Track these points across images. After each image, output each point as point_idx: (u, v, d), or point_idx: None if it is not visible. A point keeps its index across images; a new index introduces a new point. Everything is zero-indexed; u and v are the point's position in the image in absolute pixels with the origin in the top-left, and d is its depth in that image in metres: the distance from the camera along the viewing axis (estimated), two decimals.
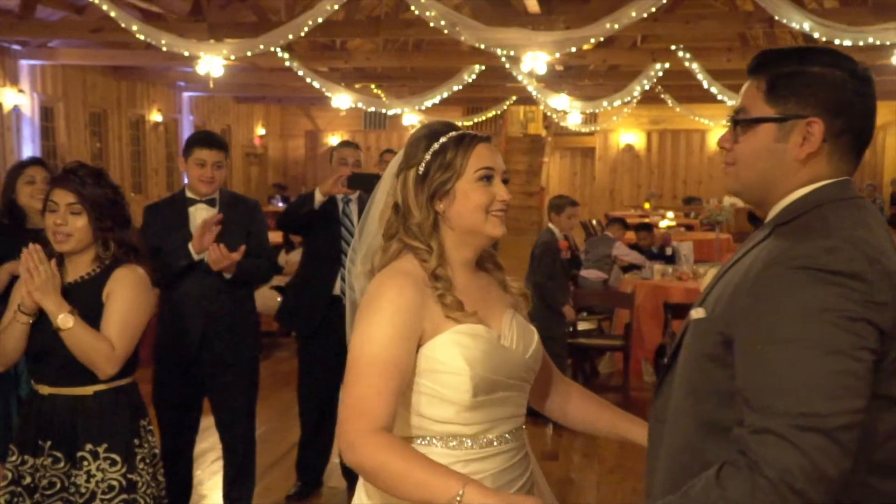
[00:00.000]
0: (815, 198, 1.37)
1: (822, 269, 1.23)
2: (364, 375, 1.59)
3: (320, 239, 3.99)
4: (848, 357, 1.19)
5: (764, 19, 9.52)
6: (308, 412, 4.25)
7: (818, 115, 1.36)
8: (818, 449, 1.17)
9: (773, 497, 1.17)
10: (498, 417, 1.72)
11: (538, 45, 8.97)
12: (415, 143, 1.77)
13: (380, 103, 13.70)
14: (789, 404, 1.19)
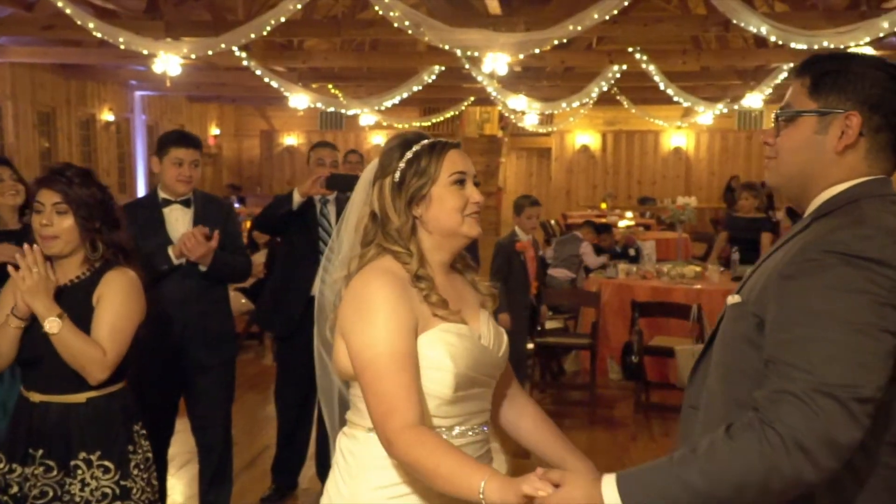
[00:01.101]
0: (853, 193, 1.42)
1: (853, 255, 1.28)
2: (385, 374, 1.66)
3: (298, 240, 3.97)
4: (870, 336, 1.24)
5: (719, 22, 9.71)
6: (285, 413, 4.22)
7: (856, 108, 1.42)
8: (832, 413, 1.21)
9: (780, 450, 1.22)
10: (471, 411, 1.81)
11: (501, 47, 9.01)
12: (389, 153, 1.85)
13: (338, 103, 13.62)
14: (809, 371, 1.24)
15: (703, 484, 1.27)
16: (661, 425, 5.84)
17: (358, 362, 1.70)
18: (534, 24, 9.73)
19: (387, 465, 1.75)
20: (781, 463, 1.23)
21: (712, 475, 1.27)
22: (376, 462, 1.75)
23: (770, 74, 11.82)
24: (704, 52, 12.55)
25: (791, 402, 1.23)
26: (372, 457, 1.76)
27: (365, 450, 1.78)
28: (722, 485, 1.26)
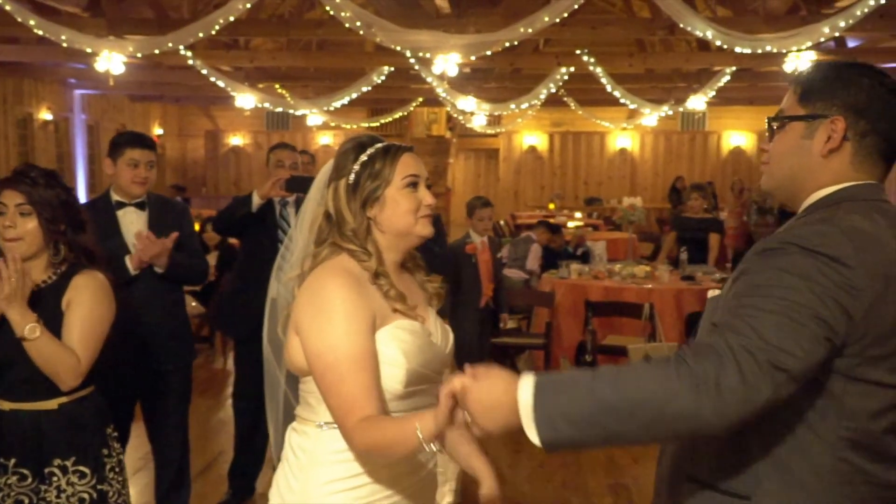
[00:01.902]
0: (837, 196, 1.47)
1: (809, 248, 1.33)
2: (346, 376, 1.71)
3: (258, 242, 3.93)
4: (805, 318, 1.29)
5: (665, 26, 9.88)
6: (242, 417, 4.17)
7: (841, 114, 1.47)
8: (748, 368, 1.27)
9: (688, 382, 1.27)
10: (419, 406, 1.84)
11: (451, 48, 9.03)
12: (344, 155, 1.90)
13: (286, 103, 13.48)
14: (740, 333, 1.29)
15: (610, 395, 1.31)
16: None
17: (318, 365, 1.74)
18: (483, 26, 9.78)
19: (338, 459, 1.79)
20: (685, 393, 1.26)
21: (620, 388, 1.31)
22: (327, 457, 1.80)
23: (714, 77, 12.05)
24: (650, 55, 12.76)
25: (715, 351, 1.29)
26: (323, 452, 1.80)
27: (316, 445, 1.82)
28: (624, 399, 1.29)
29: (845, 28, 7.91)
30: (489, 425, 1.43)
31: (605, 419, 1.30)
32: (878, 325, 1.33)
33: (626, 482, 4.80)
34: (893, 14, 9.34)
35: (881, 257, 1.35)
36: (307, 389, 1.86)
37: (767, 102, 17.40)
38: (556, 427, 1.33)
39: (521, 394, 1.36)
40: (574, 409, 1.32)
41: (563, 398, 1.33)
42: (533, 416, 1.34)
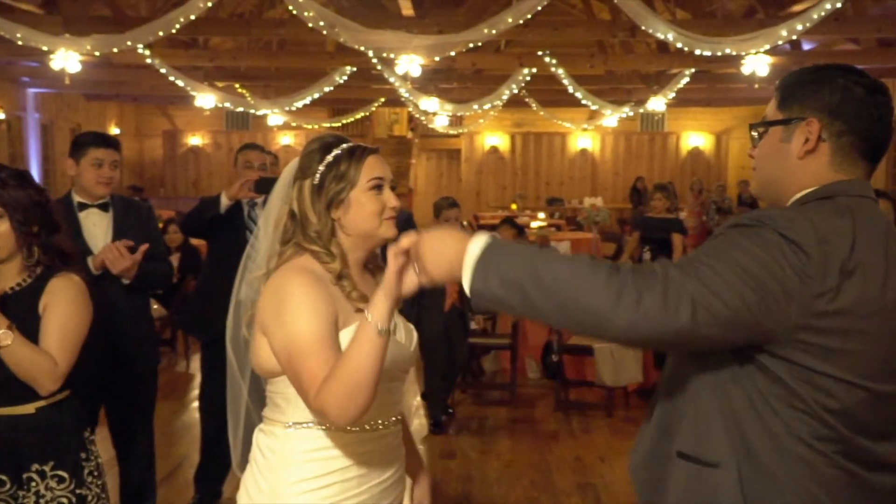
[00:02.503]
0: (814, 194, 1.49)
1: (775, 228, 1.36)
2: (310, 353, 1.70)
3: (225, 243, 3.88)
4: (750, 283, 1.31)
5: (626, 28, 9.98)
6: (210, 420, 4.11)
7: (816, 115, 1.49)
8: (678, 298, 1.30)
9: (615, 288, 1.31)
10: (386, 403, 1.87)
11: (415, 48, 9.02)
12: (309, 155, 1.89)
13: (246, 103, 13.35)
14: (686, 274, 1.32)
15: (543, 269, 1.36)
16: (581, 422, 5.95)
17: (284, 354, 1.73)
18: (446, 27, 9.78)
19: (307, 459, 1.80)
20: (607, 294, 1.31)
21: (555, 268, 1.35)
22: (296, 457, 1.80)
23: (673, 79, 12.20)
24: (610, 57, 12.87)
25: (653, 272, 1.33)
26: (292, 452, 1.81)
27: (284, 445, 1.82)
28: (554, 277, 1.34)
29: (802, 31, 8.06)
30: (435, 270, 1.49)
31: (529, 287, 1.35)
32: (826, 318, 1.34)
33: (594, 481, 4.83)
34: (847, 18, 9.55)
35: (842, 254, 1.35)
36: (274, 390, 1.86)
37: (724, 104, 17.68)
38: (488, 281, 1.39)
39: (473, 246, 1.43)
40: (509, 270, 1.38)
41: (506, 259, 1.40)
42: (473, 265, 1.41)
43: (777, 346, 1.36)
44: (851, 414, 1.39)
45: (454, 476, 4.89)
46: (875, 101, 1.50)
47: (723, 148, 19.06)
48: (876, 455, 1.43)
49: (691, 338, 1.32)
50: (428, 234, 1.52)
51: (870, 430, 1.41)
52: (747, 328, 1.33)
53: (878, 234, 1.43)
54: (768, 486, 1.41)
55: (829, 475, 1.41)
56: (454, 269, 1.46)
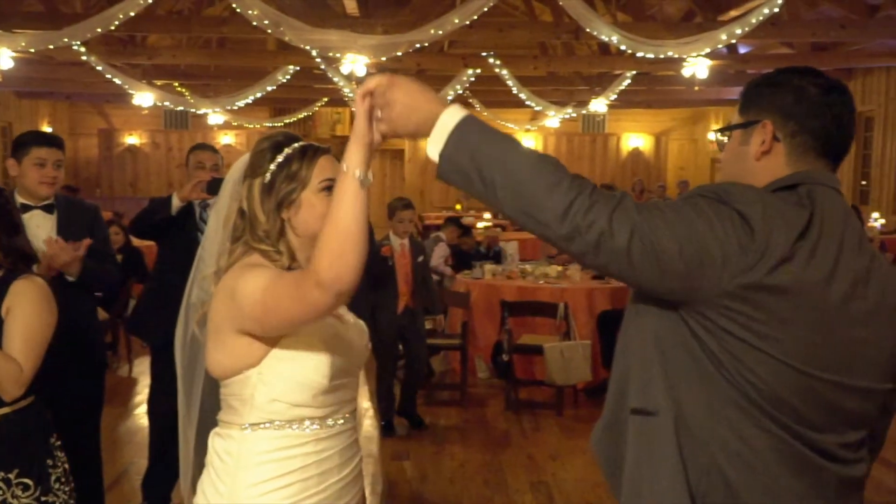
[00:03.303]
0: (779, 183, 1.51)
1: (727, 201, 1.39)
2: (274, 285, 1.67)
3: (176, 246, 3.80)
4: (693, 238, 1.35)
5: (570, 30, 10.08)
6: (159, 425, 4.02)
7: (770, 117, 1.53)
8: (620, 228, 1.34)
9: (601, 198, 1.36)
10: (343, 400, 1.87)
11: (360, 48, 8.97)
12: (260, 154, 1.86)
13: (186, 102, 13.10)
14: (643, 212, 1.37)
15: (513, 162, 1.39)
16: (532, 421, 5.99)
17: (257, 305, 1.69)
18: (391, 27, 9.75)
19: (265, 460, 1.78)
20: (558, 198, 1.35)
21: (525, 163, 1.39)
22: (254, 459, 1.78)
23: (615, 81, 12.37)
24: (553, 58, 12.99)
25: (613, 197, 1.37)
26: (249, 454, 1.79)
27: (242, 448, 1.80)
28: (517, 166, 1.38)
29: (741, 35, 8.24)
30: (401, 122, 1.49)
31: (495, 168, 1.38)
32: (757, 292, 1.36)
33: (546, 479, 4.87)
34: (783, 22, 9.81)
35: (787, 238, 1.37)
36: (229, 393, 1.84)
37: (664, 105, 17.99)
38: (459, 152, 1.41)
39: (449, 113, 1.44)
40: (481, 147, 1.40)
41: (481, 136, 1.41)
42: (449, 133, 1.42)
43: (706, 308, 1.38)
44: (777, 394, 1.40)
45: (407, 477, 4.88)
46: (829, 100, 1.52)
47: (662, 149, 19.39)
48: (812, 441, 1.44)
49: (623, 265, 1.36)
50: (401, 82, 1.49)
51: (804, 417, 1.42)
52: (677, 276, 1.36)
53: (836, 227, 1.44)
54: (698, 439, 1.43)
55: (758, 444, 1.42)
56: (421, 129, 1.46)
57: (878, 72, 12.99)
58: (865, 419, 1.50)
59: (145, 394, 6.67)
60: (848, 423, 1.47)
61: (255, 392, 1.78)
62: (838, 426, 1.46)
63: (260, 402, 1.78)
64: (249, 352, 1.78)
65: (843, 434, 1.46)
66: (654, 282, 1.38)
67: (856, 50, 12.16)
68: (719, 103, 17.60)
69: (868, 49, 12.04)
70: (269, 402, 1.77)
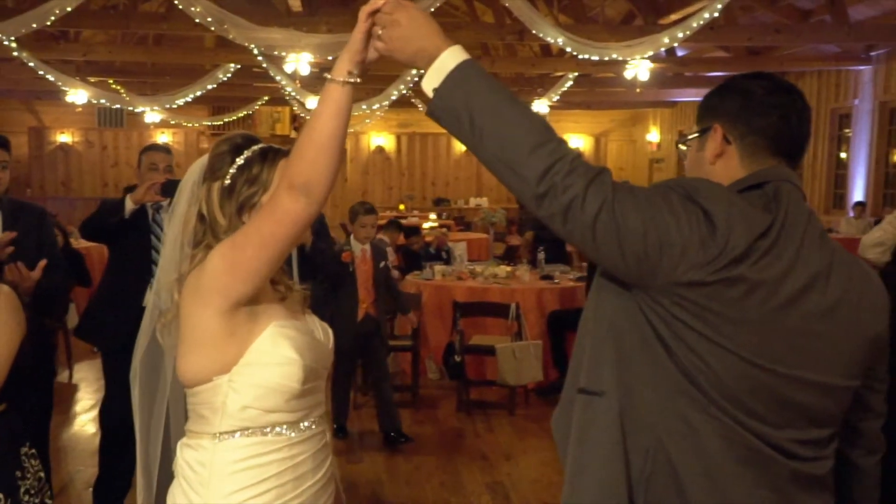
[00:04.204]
0: (745, 182, 1.54)
1: (694, 198, 1.42)
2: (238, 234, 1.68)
3: (129, 249, 3.70)
4: (656, 224, 1.37)
5: (514, 32, 10.15)
6: (112, 432, 3.90)
7: (720, 122, 1.58)
8: (596, 193, 1.37)
9: (583, 167, 1.39)
10: (313, 404, 1.85)
11: (305, 47, 8.87)
12: (219, 157, 1.83)
13: (123, 100, 12.77)
14: (617, 186, 1.39)
15: (505, 114, 1.41)
16: (484, 422, 6.01)
17: (226, 253, 1.66)
18: (335, 25, 9.68)
19: (239, 468, 1.76)
20: (542, 158, 1.37)
21: (515, 116, 1.40)
22: (228, 468, 1.76)
23: (557, 82, 12.50)
24: (497, 59, 13.06)
25: (592, 170, 1.39)
26: (223, 463, 1.76)
27: (214, 457, 1.77)
28: (510, 119, 1.40)
29: (683, 38, 8.40)
30: (399, 46, 1.49)
31: (486, 115, 1.40)
32: (712, 286, 1.38)
33: (502, 479, 4.89)
34: (720, 26, 10.04)
35: (747, 238, 1.40)
36: (198, 401, 1.80)
37: (603, 107, 18.26)
38: (455, 92, 1.43)
39: (451, 53, 1.45)
40: (477, 92, 1.42)
41: (479, 82, 1.43)
42: (449, 71, 1.43)
43: (661, 296, 1.40)
44: (727, 385, 1.41)
45: (363, 480, 4.84)
46: (775, 99, 1.56)
47: (602, 150, 19.67)
48: (764, 434, 1.44)
49: (587, 236, 1.38)
50: (410, 7, 1.50)
51: (753, 410, 1.43)
52: (635, 258, 1.38)
53: (798, 225, 1.47)
54: (645, 423, 1.45)
55: (705, 430, 1.43)
56: (417, 58, 1.47)
57: (809, 76, 13.39)
58: (828, 416, 1.50)
59: (87, 400, 6.51)
60: (806, 419, 1.47)
61: (227, 399, 1.75)
62: (796, 422, 1.46)
63: (232, 409, 1.75)
64: (225, 351, 1.74)
65: (803, 430, 1.47)
66: (614, 259, 1.40)
67: (788, 54, 12.52)
68: (657, 105, 17.94)
69: (800, 53, 12.41)
70: (241, 409, 1.75)
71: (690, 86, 14.98)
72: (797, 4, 11.45)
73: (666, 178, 11.22)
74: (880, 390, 1.62)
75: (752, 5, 11.27)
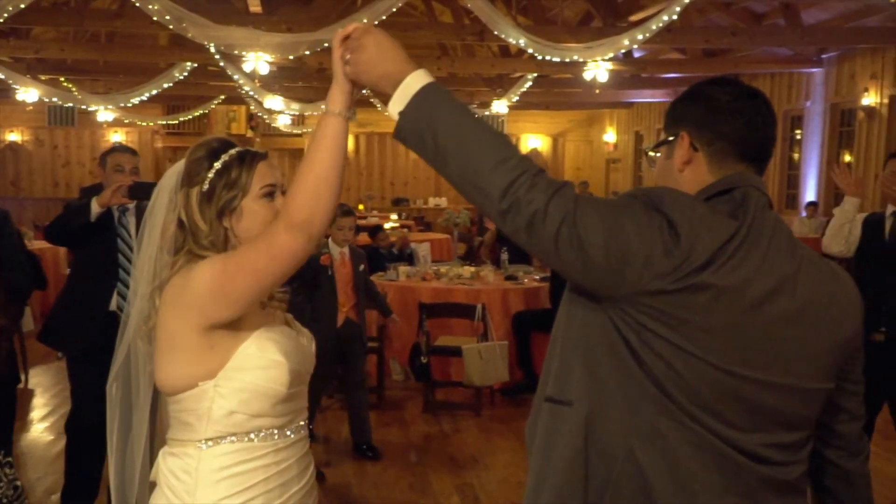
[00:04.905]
0: (714, 188, 1.55)
1: (659, 207, 1.42)
2: (231, 257, 1.67)
3: (94, 252, 3.62)
4: (620, 236, 1.38)
5: (475, 32, 10.18)
6: (80, 439, 3.81)
7: (686, 129, 1.59)
8: (555, 213, 1.37)
9: (544, 180, 1.40)
10: (297, 409, 1.85)
11: (265, 46, 8.78)
12: (196, 162, 1.81)
13: (76, 98, 12.52)
14: (579, 201, 1.41)
15: (468, 135, 1.42)
16: (451, 423, 6.01)
17: (216, 277, 1.64)
18: (294, 24, 9.60)
19: (226, 475, 1.74)
20: (504, 174, 1.38)
21: (479, 137, 1.42)
22: (215, 476, 1.74)
23: (517, 82, 12.55)
24: (457, 59, 13.08)
25: (554, 184, 1.40)
26: (209, 471, 1.75)
27: (200, 465, 1.75)
28: (474, 142, 1.41)
29: (643, 40, 8.50)
30: (366, 69, 1.51)
31: (450, 137, 1.42)
32: (677, 294, 1.39)
33: (471, 481, 4.89)
34: (677, 29, 10.18)
35: (712, 245, 1.40)
36: (182, 408, 1.77)
37: (561, 108, 18.39)
38: (419, 114, 1.44)
39: (416, 77, 1.46)
40: (441, 113, 1.43)
41: (444, 103, 1.45)
42: (414, 93, 1.45)
43: (628, 305, 1.41)
44: (696, 391, 1.42)
45: (331, 484, 4.81)
46: (740, 105, 1.56)
47: (559, 150, 19.82)
48: (733, 439, 1.45)
49: (550, 249, 1.39)
50: (377, 32, 1.52)
51: (723, 415, 1.44)
52: (598, 270, 1.38)
53: (764, 231, 1.48)
54: (613, 432, 1.45)
55: (674, 438, 1.43)
56: (382, 82, 1.49)
57: (762, 78, 13.64)
58: (800, 419, 1.51)
59: (44, 407, 6.37)
60: (778, 423, 1.48)
61: (213, 405, 1.73)
62: (767, 426, 1.47)
63: (218, 415, 1.73)
64: (206, 361, 1.72)
65: (773, 434, 1.47)
66: (577, 271, 1.41)
67: (742, 56, 12.75)
68: (614, 106, 18.12)
69: (754, 56, 12.65)
70: (227, 414, 1.73)
71: (647, 87, 15.19)
72: (752, 7, 11.67)
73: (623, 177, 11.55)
74: (856, 392, 1.63)
75: (707, 8, 11.45)
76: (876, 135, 11.13)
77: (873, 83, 11.15)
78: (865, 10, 10.24)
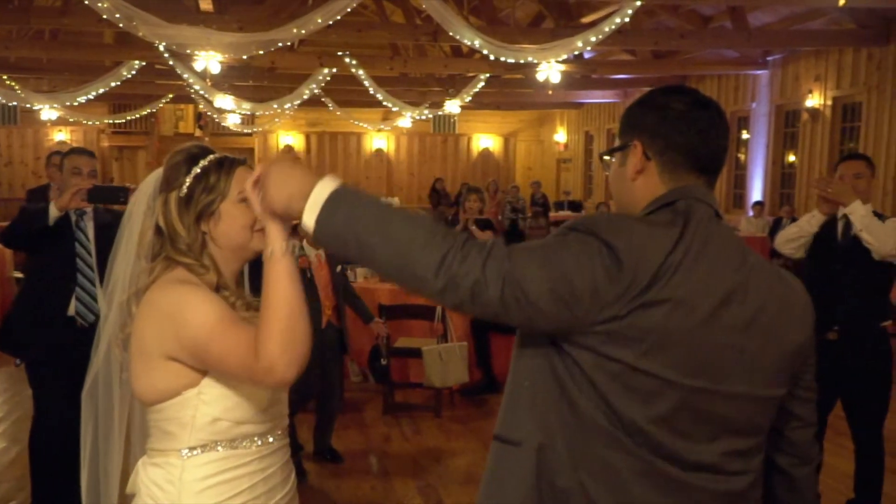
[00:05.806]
0: (659, 201, 1.56)
1: (594, 232, 1.43)
2: (228, 329, 1.65)
3: (51, 256, 3.54)
4: (561, 274, 1.39)
5: (428, 32, 10.19)
6: (45, 453, 3.72)
7: (640, 137, 1.59)
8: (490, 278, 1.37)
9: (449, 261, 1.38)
10: (278, 416, 1.86)
11: (216, 45, 8.67)
12: (175, 167, 1.83)
13: (18, 97, 12.21)
14: (513, 255, 1.41)
15: (387, 226, 1.41)
16: (411, 424, 6.01)
17: (201, 346, 1.66)
18: (247, 23, 9.50)
19: (210, 484, 1.74)
20: (434, 252, 1.38)
21: (398, 226, 1.41)
22: (199, 484, 1.74)
23: (470, 83, 12.59)
24: (409, 59, 13.07)
25: (483, 248, 1.40)
26: (192, 480, 1.74)
27: (185, 475, 1.75)
28: (395, 233, 1.40)
29: (595, 42, 8.60)
30: (275, 198, 1.51)
31: (371, 233, 1.41)
32: (628, 317, 1.40)
33: (433, 482, 4.90)
34: (627, 31, 10.33)
35: (655, 259, 1.42)
36: (163, 418, 1.76)
37: (512, 108, 18.51)
38: (334, 218, 1.43)
39: (323, 185, 1.45)
40: (355, 213, 1.42)
41: (355, 202, 1.43)
42: (323, 201, 1.44)
43: (580, 336, 1.42)
44: (646, 413, 1.43)
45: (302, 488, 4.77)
46: (694, 116, 1.57)
47: (511, 150, 19.93)
48: (683, 455, 1.46)
49: (500, 312, 1.39)
50: (276, 165, 1.53)
51: (677, 428, 1.45)
52: (549, 318, 1.39)
53: (709, 240, 1.49)
54: (565, 467, 1.46)
55: (622, 466, 1.45)
56: (293, 204, 1.48)
57: (710, 79, 13.90)
58: (753, 426, 1.53)
59: None
60: (732, 431, 1.49)
61: (196, 413, 1.72)
62: (721, 435, 1.48)
63: (202, 422, 1.73)
64: (187, 373, 1.71)
65: (725, 442, 1.49)
66: (532, 324, 1.42)
67: (690, 58, 12.98)
68: (564, 106, 18.30)
69: (701, 58, 12.88)
70: (211, 421, 1.73)
71: (597, 88, 15.36)
72: (699, 10, 11.88)
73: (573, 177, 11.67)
74: (809, 399, 1.66)
75: (656, 10, 11.63)
76: (819, 136, 11.43)
77: (817, 85, 11.44)
78: (810, 13, 10.52)
